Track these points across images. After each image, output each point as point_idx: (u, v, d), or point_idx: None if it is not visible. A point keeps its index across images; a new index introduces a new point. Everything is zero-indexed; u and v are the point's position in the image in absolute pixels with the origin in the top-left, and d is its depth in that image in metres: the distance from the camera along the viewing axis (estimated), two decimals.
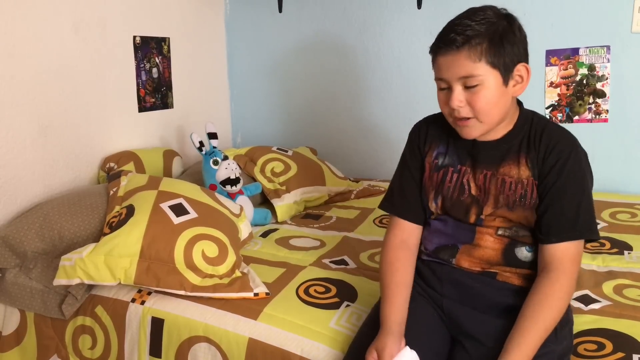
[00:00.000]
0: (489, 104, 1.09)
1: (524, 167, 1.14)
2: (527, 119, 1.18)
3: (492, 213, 1.16)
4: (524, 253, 1.17)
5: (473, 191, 1.19)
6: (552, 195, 1.11)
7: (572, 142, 1.14)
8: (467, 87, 1.09)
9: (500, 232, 1.17)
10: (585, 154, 1.15)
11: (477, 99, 1.08)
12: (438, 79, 1.13)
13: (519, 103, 1.20)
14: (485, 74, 1.07)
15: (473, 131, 1.13)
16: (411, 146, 1.30)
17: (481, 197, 1.18)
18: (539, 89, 2.37)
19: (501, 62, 1.07)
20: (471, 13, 1.10)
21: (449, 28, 1.10)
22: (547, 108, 2.38)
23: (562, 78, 2.34)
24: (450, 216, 1.22)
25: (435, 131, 1.27)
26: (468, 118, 1.11)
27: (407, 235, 1.27)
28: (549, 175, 1.11)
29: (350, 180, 2.56)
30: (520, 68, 1.11)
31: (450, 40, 1.07)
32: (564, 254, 1.10)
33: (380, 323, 1.15)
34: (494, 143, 1.17)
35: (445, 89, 1.13)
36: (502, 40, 1.07)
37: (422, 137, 1.28)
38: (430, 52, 1.14)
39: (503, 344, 1.07)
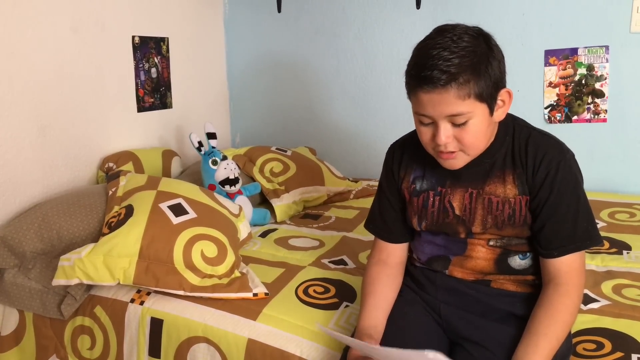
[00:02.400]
0: (477, 138, 1.06)
1: (510, 185, 1.11)
2: (507, 128, 1.14)
3: (481, 232, 1.15)
4: (517, 262, 1.16)
5: (457, 211, 1.16)
6: (548, 210, 1.09)
7: (559, 149, 1.10)
8: (454, 124, 1.04)
9: (492, 243, 1.15)
10: (572, 156, 1.12)
11: (465, 134, 1.04)
12: (420, 114, 1.06)
13: None
14: (474, 109, 1.02)
15: (458, 163, 1.10)
16: (386, 170, 1.29)
17: (467, 217, 1.15)
18: (538, 89, 2.38)
19: (487, 93, 1.02)
20: (447, 41, 1.00)
21: (427, 62, 1.00)
22: (545, 108, 2.38)
23: (560, 78, 2.34)
24: (440, 231, 1.21)
25: (410, 154, 1.24)
26: (454, 152, 1.07)
27: (386, 255, 1.28)
28: (541, 190, 1.09)
29: (349, 180, 2.56)
30: (502, 93, 1.07)
31: (433, 78, 0.99)
32: (570, 267, 1.08)
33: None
34: (475, 160, 1.13)
35: (428, 124, 1.07)
36: (486, 69, 1.01)
37: (397, 161, 1.26)
38: (408, 84, 1.07)
39: (503, 347, 1.06)
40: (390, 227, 1.28)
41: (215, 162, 2.02)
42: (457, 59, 0.98)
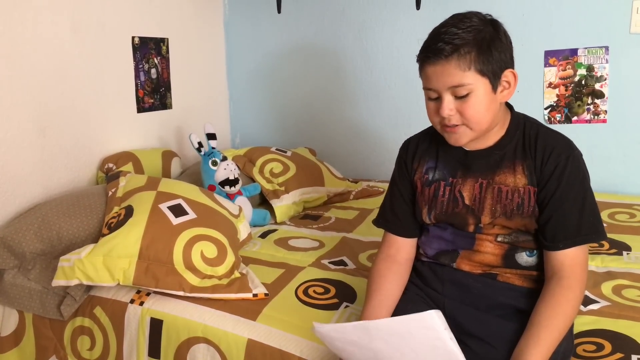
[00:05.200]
0: (479, 112, 1.09)
1: (520, 175, 1.14)
2: (518, 124, 1.17)
3: (490, 222, 1.16)
4: (524, 258, 1.17)
5: (467, 201, 1.18)
6: (555, 203, 1.10)
7: (567, 145, 1.13)
8: (457, 96, 1.08)
9: (499, 239, 1.17)
10: (580, 154, 1.15)
11: (467, 107, 1.08)
12: (427, 89, 1.12)
13: (510, 107, 1.20)
14: (475, 82, 1.07)
15: (462, 138, 1.13)
16: (399, 163, 1.31)
17: (476, 207, 1.17)
18: (538, 89, 2.38)
19: (489, 69, 1.07)
20: (457, 20, 1.09)
21: (435, 37, 1.08)
22: (545, 109, 2.38)
23: (560, 79, 2.34)
24: (449, 223, 1.22)
25: (424, 146, 1.27)
26: (457, 125, 1.11)
27: (395, 250, 1.29)
28: (548, 182, 1.11)
29: (349, 180, 2.56)
30: (507, 74, 1.11)
31: (438, 49, 1.06)
32: (574, 261, 1.10)
33: None
34: (486, 151, 1.17)
35: (434, 99, 1.12)
36: (489, 47, 1.06)
37: (410, 154, 1.29)
38: (417, 61, 1.13)
39: (507, 343, 1.07)
40: (401, 220, 1.29)
41: (215, 163, 2.02)
42: (462, 33, 1.06)
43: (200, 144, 2.04)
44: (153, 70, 2.44)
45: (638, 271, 1.54)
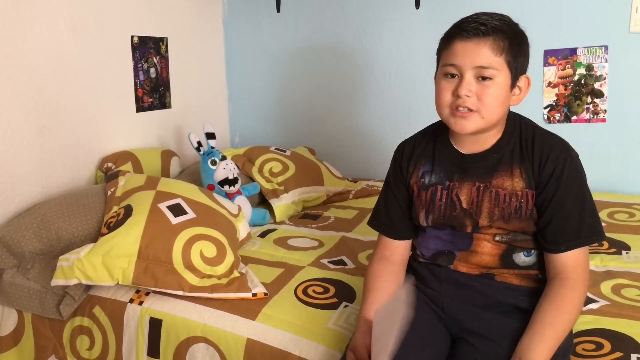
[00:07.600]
0: (497, 99, 1.08)
1: (517, 178, 1.14)
2: (514, 126, 1.17)
3: (488, 225, 1.16)
4: (522, 258, 1.17)
5: (464, 205, 1.18)
6: (554, 206, 1.11)
7: (565, 147, 1.13)
8: (479, 79, 1.08)
9: (497, 238, 1.17)
10: (577, 156, 1.15)
11: (487, 93, 1.08)
12: (449, 65, 1.10)
13: None
14: (501, 69, 1.08)
15: (470, 125, 1.10)
16: (394, 166, 1.30)
17: (474, 210, 1.17)
18: (537, 89, 2.37)
19: (515, 66, 1.10)
20: (489, 13, 1.10)
21: (470, 18, 1.09)
22: (545, 108, 2.38)
23: (560, 78, 2.34)
24: (447, 225, 1.22)
25: (420, 150, 1.26)
26: (470, 110, 1.09)
27: (390, 252, 1.29)
28: (547, 185, 1.11)
29: (348, 180, 2.56)
30: (522, 79, 1.13)
31: (474, 28, 1.07)
32: (576, 262, 1.10)
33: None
34: (482, 154, 1.16)
35: (452, 77, 1.11)
36: (520, 45, 1.10)
37: (406, 157, 1.27)
38: (445, 38, 1.13)
39: (508, 339, 1.07)
40: (395, 224, 1.29)
41: (214, 162, 2.02)
42: (497, 21, 1.08)
43: (199, 143, 2.04)
44: (152, 70, 2.44)
45: (637, 270, 1.54)
